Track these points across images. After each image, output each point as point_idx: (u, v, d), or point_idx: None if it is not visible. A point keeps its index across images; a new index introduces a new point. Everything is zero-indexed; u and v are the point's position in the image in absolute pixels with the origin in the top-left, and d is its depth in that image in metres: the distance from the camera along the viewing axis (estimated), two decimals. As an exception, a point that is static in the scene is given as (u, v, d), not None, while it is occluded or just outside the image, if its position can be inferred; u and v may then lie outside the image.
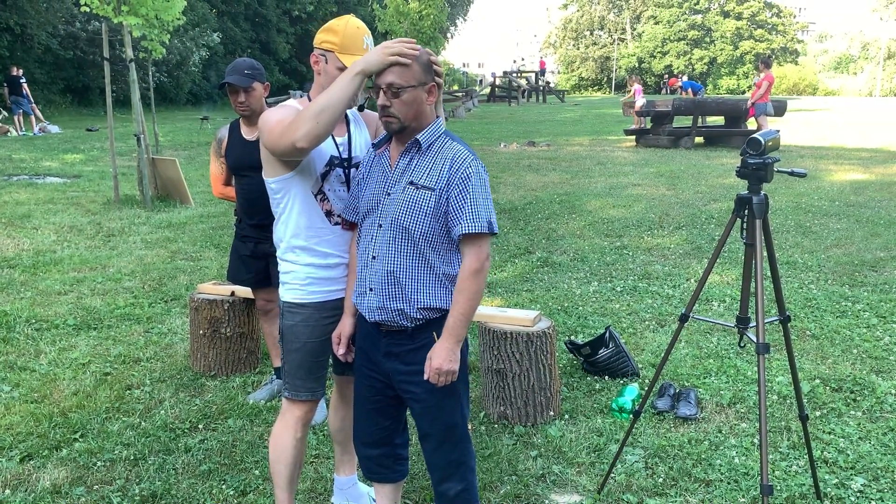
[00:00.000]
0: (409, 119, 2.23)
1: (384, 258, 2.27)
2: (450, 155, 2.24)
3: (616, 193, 10.23)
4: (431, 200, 2.21)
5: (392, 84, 2.17)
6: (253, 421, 3.72)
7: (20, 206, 9.34)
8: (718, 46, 68.66)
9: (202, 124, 22.49)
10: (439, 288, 2.28)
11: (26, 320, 5.14)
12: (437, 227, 2.24)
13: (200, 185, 11.28)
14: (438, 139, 2.28)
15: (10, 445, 3.44)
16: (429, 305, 2.27)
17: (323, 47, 2.42)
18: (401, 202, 2.24)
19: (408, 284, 2.26)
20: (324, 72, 2.43)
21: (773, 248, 2.69)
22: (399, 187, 2.27)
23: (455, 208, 2.20)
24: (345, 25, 2.42)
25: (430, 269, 2.27)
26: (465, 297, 2.21)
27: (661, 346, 4.66)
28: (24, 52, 25.36)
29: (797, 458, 3.31)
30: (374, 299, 2.30)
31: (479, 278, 2.22)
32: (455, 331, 2.23)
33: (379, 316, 2.31)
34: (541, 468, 3.24)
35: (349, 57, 2.39)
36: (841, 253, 6.86)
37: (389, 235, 2.26)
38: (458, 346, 2.25)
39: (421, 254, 2.25)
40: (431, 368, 2.23)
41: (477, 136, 19.55)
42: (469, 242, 2.22)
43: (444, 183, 2.21)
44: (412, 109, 2.21)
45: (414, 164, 2.27)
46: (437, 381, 2.24)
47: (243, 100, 3.59)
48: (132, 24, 9.23)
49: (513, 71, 45.55)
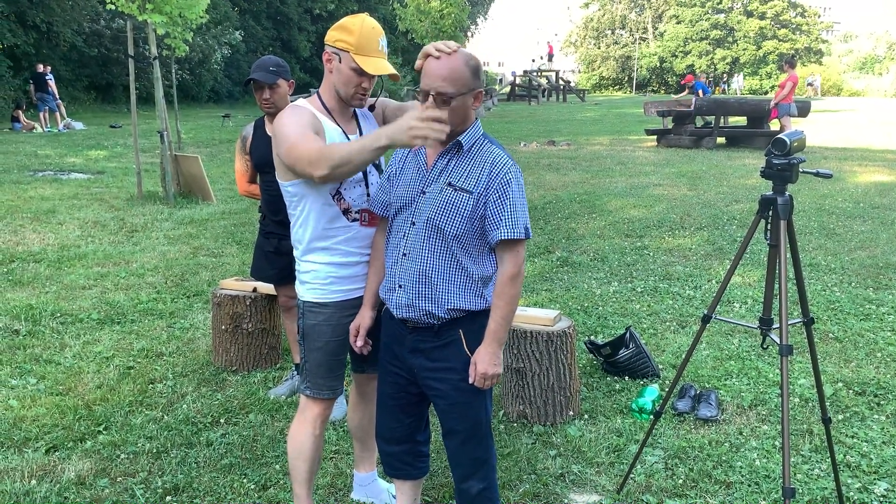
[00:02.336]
0: (456, 124, 2.22)
1: (415, 257, 2.28)
2: (489, 159, 2.24)
3: (637, 193, 10.18)
4: (469, 203, 2.22)
5: (443, 93, 2.16)
6: (274, 416, 3.75)
7: (45, 202, 9.47)
8: (741, 46, 67.98)
9: (224, 122, 22.65)
10: (469, 290, 2.29)
11: (51, 314, 5.21)
12: (471, 230, 2.24)
13: (222, 182, 11.36)
14: (478, 141, 2.28)
15: (36, 437, 3.49)
16: (457, 307, 2.28)
17: (337, 46, 2.38)
18: (437, 202, 2.24)
19: (439, 284, 2.27)
20: (336, 70, 2.40)
21: (798, 249, 2.67)
22: (436, 187, 2.26)
23: (494, 213, 2.21)
24: (360, 25, 2.36)
25: (461, 269, 2.27)
26: (504, 301, 2.24)
27: (681, 347, 4.63)
28: (49, 50, 25.67)
29: (819, 461, 3.28)
30: (404, 296, 2.31)
31: (516, 283, 2.24)
32: (497, 335, 2.25)
33: (407, 313, 2.32)
34: (560, 467, 3.24)
35: (364, 58, 2.35)
36: (865, 255, 6.78)
37: (423, 234, 2.27)
38: (500, 349, 2.27)
39: (452, 254, 2.26)
40: (477, 373, 2.26)
41: (497, 135, 19.52)
42: (507, 248, 2.24)
43: (483, 188, 2.22)
44: (459, 116, 2.21)
45: (452, 165, 2.27)
46: (482, 385, 2.27)
47: (268, 97, 3.61)
48: (156, 22, 9.32)
49: (533, 70, 45.37)
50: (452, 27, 24.50)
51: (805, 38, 68.87)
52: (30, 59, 23.90)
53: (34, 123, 19.91)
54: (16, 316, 5.14)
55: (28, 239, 7.44)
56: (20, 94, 22.66)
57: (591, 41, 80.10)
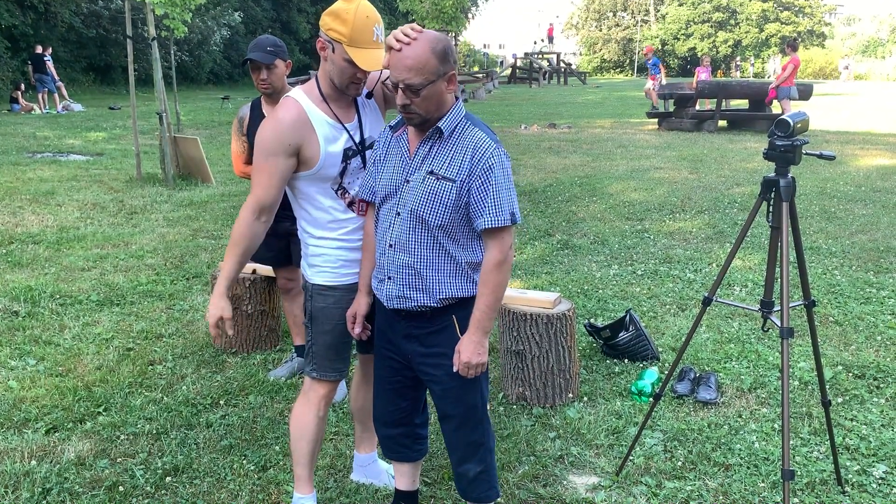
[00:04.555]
0: (431, 112, 2.17)
1: (402, 247, 2.25)
2: (471, 143, 2.17)
3: (638, 176, 10.15)
4: (452, 192, 2.17)
5: (411, 85, 2.09)
6: (273, 398, 3.75)
7: (44, 183, 9.44)
8: (744, 29, 67.58)
9: (223, 104, 22.55)
10: (460, 277, 2.26)
11: (51, 295, 5.21)
12: (456, 218, 2.20)
13: (221, 164, 11.32)
14: (459, 124, 2.21)
15: (36, 418, 3.49)
16: (450, 295, 2.26)
17: (330, 35, 2.28)
18: (420, 192, 2.20)
19: (428, 276, 2.24)
20: (331, 60, 2.32)
21: (800, 232, 2.66)
22: (419, 176, 2.21)
23: (477, 201, 2.16)
24: (354, 14, 2.24)
25: (449, 258, 2.24)
26: (489, 288, 2.19)
27: (681, 330, 4.63)
28: (47, 31, 25.52)
29: (818, 444, 3.28)
30: (394, 288, 2.28)
31: (502, 270, 2.20)
32: (482, 323, 2.21)
33: (399, 304, 2.30)
34: (559, 449, 3.24)
35: (357, 50, 2.26)
36: (866, 239, 6.77)
37: (408, 225, 2.23)
38: (485, 338, 2.23)
39: (439, 244, 2.23)
40: (460, 362, 2.22)
41: (497, 117, 19.44)
42: (492, 235, 2.20)
43: (466, 175, 2.16)
44: (433, 103, 2.15)
45: (434, 151, 2.21)
46: (466, 373, 2.24)
47: (265, 77, 3.58)
48: (155, 3, 9.25)
49: (534, 52, 45.06)
50: (453, 8, 24.38)
51: (808, 20, 68.46)
52: (28, 40, 23.77)
53: (33, 105, 19.83)
54: (15, 297, 5.14)
55: (27, 220, 7.42)
56: (18, 76, 22.56)
57: (592, 23, 79.62)
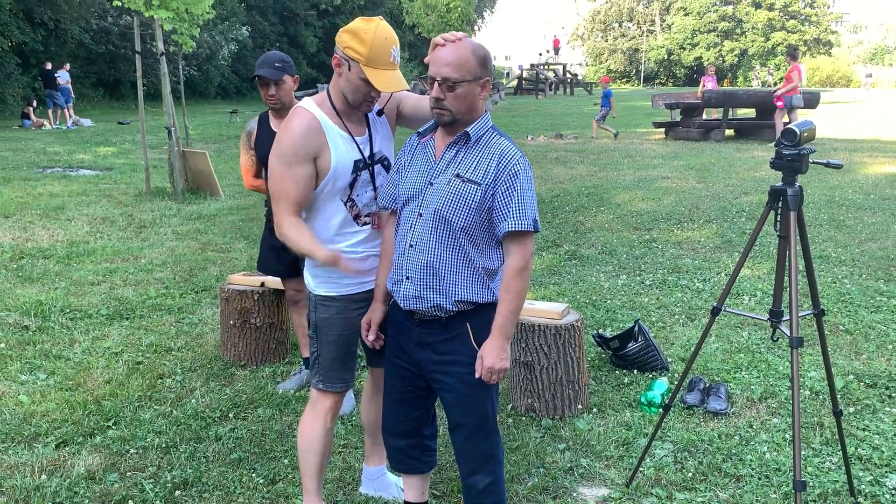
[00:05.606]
0: (462, 113, 2.21)
1: (423, 248, 2.27)
2: (497, 151, 2.22)
3: (645, 186, 10.14)
4: (477, 195, 2.20)
5: (448, 78, 2.14)
6: (282, 410, 3.76)
7: (54, 198, 9.50)
8: (749, 38, 67.58)
9: (231, 118, 22.69)
10: (477, 282, 2.28)
11: (61, 310, 5.23)
12: (478, 221, 2.23)
13: (230, 177, 11.38)
14: (486, 133, 2.27)
15: (46, 432, 3.50)
16: (465, 299, 2.27)
17: (348, 54, 2.30)
18: (445, 193, 2.23)
19: (446, 276, 2.26)
20: (346, 77, 2.34)
21: (808, 241, 2.65)
22: (444, 178, 2.25)
23: (501, 205, 2.19)
24: (373, 35, 2.26)
25: (468, 262, 2.26)
26: (511, 294, 2.21)
27: (690, 340, 4.61)
28: (57, 47, 25.77)
29: (830, 454, 3.26)
30: (411, 288, 2.29)
31: (524, 276, 2.22)
32: (504, 329, 2.23)
33: (414, 304, 2.31)
34: (569, 461, 3.23)
35: (374, 71, 2.27)
36: (876, 247, 6.73)
37: (430, 226, 2.25)
38: (507, 343, 2.24)
39: (460, 246, 2.25)
40: (484, 367, 2.23)
41: (504, 128, 19.47)
42: (514, 240, 2.21)
43: (492, 179, 2.20)
44: (465, 104, 2.19)
45: (460, 156, 2.25)
46: (489, 379, 2.25)
47: (274, 93, 3.61)
48: (163, 18, 9.33)
49: (540, 63, 45.19)
50: (459, 20, 24.46)
51: (814, 29, 68.40)
52: (38, 57, 24.00)
53: (43, 121, 19.99)
54: (26, 312, 5.17)
55: (37, 235, 7.47)
56: (29, 92, 22.75)
57: (598, 34, 79.81)
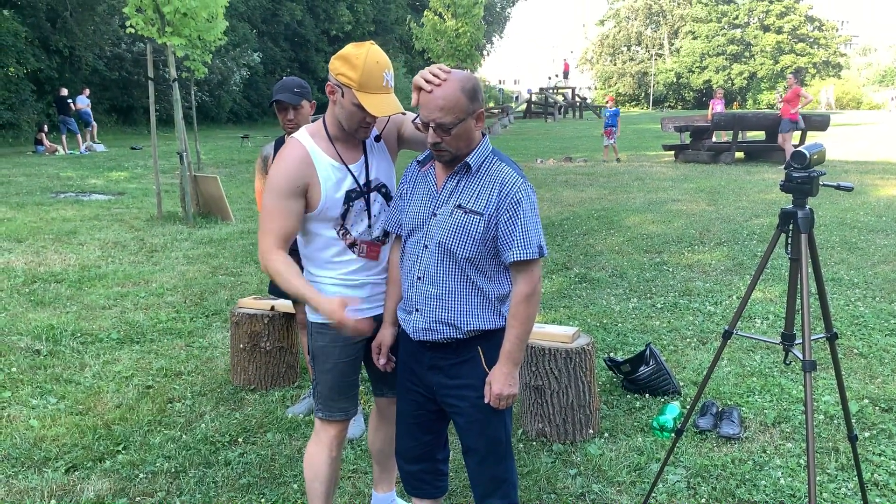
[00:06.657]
0: (461, 149, 2.21)
1: (430, 280, 2.26)
2: (499, 178, 2.20)
3: (655, 209, 10.13)
4: (480, 225, 2.19)
5: (442, 124, 2.13)
6: (292, 435, 3.74)
7: (67, 223, 9.58)
8: (758, 61, 67.83)
9: (242, 142, 22.88)
10: (487, 309, 2.27)
11: (72, 334, 5.25)
12: (483, 251, 2.22)
13: (241, 202, 11.45)
14: (487, 159, 2.25)
15: (56, 457, 3.50)
16: (476, 328, 2.27)
17: (340, 80, 2.28)
18: (448, 225, 2.22)
19: (456, 308, 2.26)
20: (340, 104, 2.33)
21: (819, 263, 2.63)
22: (446, 209, 2.24)
23: (505, 234, 2.18)
24: (364, 59, 2.24)
25: (476, 291, 2.26)
26: (519, 321, 2.20)
27: (702, 363, 4.58)
28: (72, 74, 26.12)
29: (846, 480, 3.21)
30: (421, 320, 2.29)
31: (531, 302, 2.21)
32: (512, 355, 2.22)
33: (425, 336, 2.30)
34: (580, 487, 3.20)
35: (367, 95, 2.26)
36: (889, 269, 6.68)
37: (436, 258, 2.25)
38: (516, 369, 2.24)
39: (467, 276, 2.24)
40: (492, 394, 2.23)
41: (513, 152, 19.54)
42: (520, 268, 2.21)
43: (494, 209, 2.18)
44: (463, 140, 2.20)
45: (462, 186, 2.24)
46: (497, 405, 2.25)
47: (292, 117, 3.64)
48: (176, 45, 9.45)
49: (549, 87, 45.43)
50: (468, 46, 24.63)
51: (823, 51, 68.58)
52: (53, 83, 24.32)
53: (57, 146, 20.20)
54: (37, 336, 5.19)
55: (50, 259, 7.52)
56: (43, 118, 23.02)
57: (606, 58, 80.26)
